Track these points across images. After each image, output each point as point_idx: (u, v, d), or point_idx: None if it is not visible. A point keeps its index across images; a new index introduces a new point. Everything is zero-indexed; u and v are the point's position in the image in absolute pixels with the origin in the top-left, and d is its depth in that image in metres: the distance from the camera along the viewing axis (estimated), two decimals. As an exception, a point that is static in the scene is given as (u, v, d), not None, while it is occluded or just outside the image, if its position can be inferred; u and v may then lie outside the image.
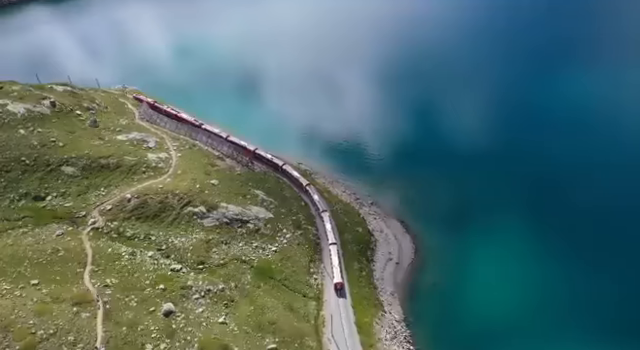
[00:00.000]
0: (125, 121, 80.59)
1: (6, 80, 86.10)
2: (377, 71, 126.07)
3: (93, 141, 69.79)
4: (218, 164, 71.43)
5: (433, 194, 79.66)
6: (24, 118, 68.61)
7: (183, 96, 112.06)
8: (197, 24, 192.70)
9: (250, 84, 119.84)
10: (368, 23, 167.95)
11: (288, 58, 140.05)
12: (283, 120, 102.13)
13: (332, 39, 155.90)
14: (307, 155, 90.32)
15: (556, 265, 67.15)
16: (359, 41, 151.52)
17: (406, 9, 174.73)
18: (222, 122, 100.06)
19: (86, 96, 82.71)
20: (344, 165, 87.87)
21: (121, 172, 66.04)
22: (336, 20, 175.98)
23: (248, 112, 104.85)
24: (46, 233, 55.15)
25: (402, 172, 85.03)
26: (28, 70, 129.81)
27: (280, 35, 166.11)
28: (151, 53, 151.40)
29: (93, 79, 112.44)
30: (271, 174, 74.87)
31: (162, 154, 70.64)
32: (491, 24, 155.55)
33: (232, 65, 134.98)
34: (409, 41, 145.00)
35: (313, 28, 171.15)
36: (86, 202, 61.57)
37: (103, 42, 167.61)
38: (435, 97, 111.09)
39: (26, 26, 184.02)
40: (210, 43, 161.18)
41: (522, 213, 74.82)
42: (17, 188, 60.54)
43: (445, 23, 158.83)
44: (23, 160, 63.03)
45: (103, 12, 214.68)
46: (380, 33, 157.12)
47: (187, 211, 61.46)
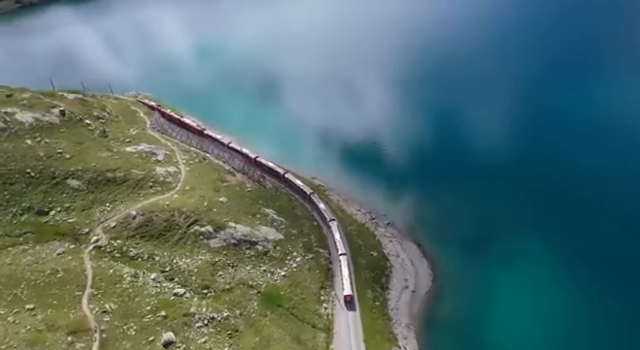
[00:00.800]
0: (135, 131, 78.83)
1: (17, 87, 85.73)
2: (395, 76, 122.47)
3: (101, 153, 68.01)
4: (228, 179, 68.93)
5: (452, 213, 75.73)
6: (32, 128, 67.21)
7: (197, 102, 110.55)
8: (216, 26, 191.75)
9: (267, 90, 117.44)
10: (388, 24, 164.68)
11: (306, 62, 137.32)
12: (299, 129, 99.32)
13: (351, 41, 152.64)
14: (322, 168, 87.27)
15: (584, 295, 62.82)
16: (378, 43, 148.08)
17: (428, 9, 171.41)
18: (236, 130, 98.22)
19: (97, 104, 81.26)
20: (360, 179, 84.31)
21: (128, 186, 63.99)
22: (356, 21, 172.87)
23: (264, 120, 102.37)
24: (47, 251, 53.23)
25: (420, 187, 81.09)
26: (44, 73, 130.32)
27: (298, 37, 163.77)
28: (168, 57, 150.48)
29: (108, 84, 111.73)
30: (283, 190, 72.15)
31: (171, 168, 68.45)
32: (516, 22, 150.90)
33: (249, 70, 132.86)
34: (429, 43, 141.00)
35: (332, 30, 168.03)
36: (90, 218, 59.61)
37: (121, 45, 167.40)
38: (456, 104, 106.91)
39: (46, 28, 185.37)
40: (228, 46, 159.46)
41: (549, 236, 70.63)
42: (20, 202, 58.83)
43: (468, 23, 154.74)
44: (28, 172, 61.43)
45: (123, 13, 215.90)
46: (400, 34, 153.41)
47: (193, 230, 59.01)
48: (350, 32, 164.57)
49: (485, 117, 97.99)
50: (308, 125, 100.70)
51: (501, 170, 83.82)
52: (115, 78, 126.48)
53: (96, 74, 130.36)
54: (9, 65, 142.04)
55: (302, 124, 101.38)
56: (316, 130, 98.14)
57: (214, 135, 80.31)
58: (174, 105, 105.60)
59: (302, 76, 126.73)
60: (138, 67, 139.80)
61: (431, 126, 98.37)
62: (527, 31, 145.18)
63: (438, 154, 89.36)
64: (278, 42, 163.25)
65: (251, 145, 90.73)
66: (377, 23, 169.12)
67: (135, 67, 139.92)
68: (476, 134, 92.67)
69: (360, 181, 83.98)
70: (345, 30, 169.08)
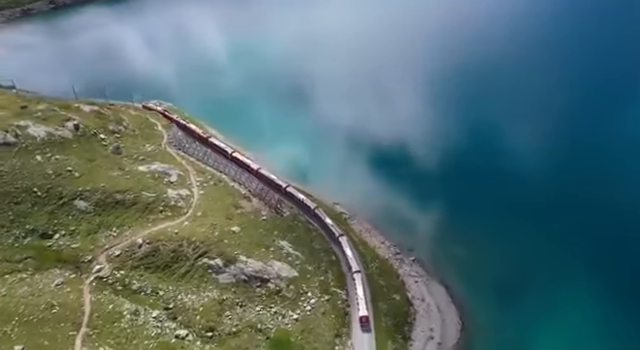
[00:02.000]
0: (151, 147, 76.11)
1: (36, 96, 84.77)
2: (433, 85, 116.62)
3: (112, 171, 65.32)
4: (243, 206, 65.04)
5: (486, 250, 69.88)
6: (43, 143, 65.13)
7: (220, 112, 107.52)
8: (248, 28, 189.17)
9: (294, 98, 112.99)
10: (430, 24, 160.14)
11: (340, 67, 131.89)
12: (325, 146, 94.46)
13: (388, 42, 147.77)
14: (346, 191, 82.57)
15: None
16: (418, 45, 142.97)
17: (473, 7, 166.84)
18: (258, 144, 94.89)
19: (114, 117, 79.05)
20: (386, 205, 79.06)
21: (137, 210, 60.99)
22: (395, 19, 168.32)
23: (288, 133, 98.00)
24: (45, 281, 50.53)
25: (452, 218, 74.98)
26: (71, 77, 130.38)
27: (333, 38, 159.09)
28: (195, 61, 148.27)
29: (130, 91, 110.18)
30: (301, 219, 67.70)
31: (183, 191, 65.12)
32: (575, 24, 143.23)
33: (278, 75, 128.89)
34: (472, 47, 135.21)
35: (370, 29, 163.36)
36: (95, 243, 56.80)
37: (149, 48, 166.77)
38: (496, 120, 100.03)
39: (77, 29, 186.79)
40: (259, 50, 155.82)
41: (598, 284, 63.91)
42: (25, 223, 56.56)
43: (520, 23, 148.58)
44: (35, 191, 59.19)
45: (155, 14, 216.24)
46: (440, 36, 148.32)
47: (202, 263, 55.34)
48: (388, 31, 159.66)
49: (529, 136, 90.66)
50: (336, 141, 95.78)
51: (546, 203, 77.16)
52: (140, 84, 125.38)
53: (121, 79, 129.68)
54: (39, 66, 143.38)
55: (330, 140, 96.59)
56: (343, 147, 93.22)
57: (242, 158, 76.69)
58: (196, 116, 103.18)
59: (334, 83, 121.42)
60: (164, 73, 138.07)
61: (467, 147, 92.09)
62: (581, 28, 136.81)
63: (474, 181, 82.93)
64: (311, 44, 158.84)
65: (274, 163, 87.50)
66: (417, 22, 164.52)
67: (161, 73, 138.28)
68: (517, 158, 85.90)
69: (386, 208, 78.63)
70: (383, 29, 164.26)
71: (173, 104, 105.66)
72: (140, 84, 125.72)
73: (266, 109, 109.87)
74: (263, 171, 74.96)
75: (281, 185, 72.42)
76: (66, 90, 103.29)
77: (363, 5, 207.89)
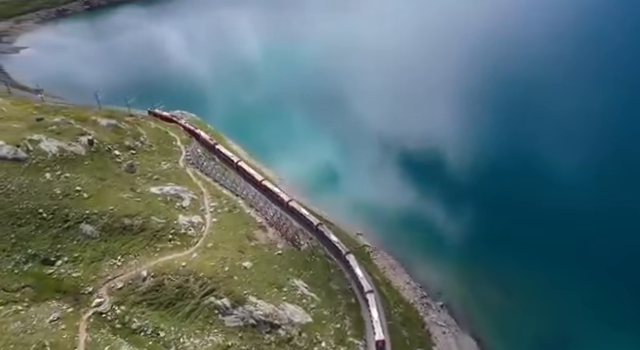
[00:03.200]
0: (167, 165, 73.18)
1: (54, 106, 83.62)
2: (473, 96, 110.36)
3: (122, 193, 62.45)
4: (257, 237, 60.97)
5: (527, 299, 63.60)
6: (54, 159, 62.88)
7: (246, 126, 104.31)
8: (286, 31, 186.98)
9: (326, 114, 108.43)
10: (468, 25, 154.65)
11: (374, 77, 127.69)
12: (354, 168, 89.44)
13: (423, 49, 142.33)
14: (370, 219, 77.54)
15: None
16: (456, 53, 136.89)
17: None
18: (280, 161, 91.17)
19: (131, 131, 76.62)
20: (413, 238, 73.81)
21: (144, 237, 57.78)
22: (431, 24, 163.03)
23: (316, 153, 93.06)
24: (40, 315, 47.64)
25: (486, 259, 69.01)
26: (98, 81, 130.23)
27: (368, 42, 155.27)
28: (226, 68, 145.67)
29: (154, 99, 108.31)
30: (319, 252, 63.05)
31: (195, 217, 61.61)
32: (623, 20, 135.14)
33: (311, 87, 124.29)
34: (512, 49, 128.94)
35: (412, 37, 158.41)
36: (97, 273, 53.81)
37: (180, 53, 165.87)
38: (543, 137, 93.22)
39: (110, 31, 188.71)
40: (296, 57, 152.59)
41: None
42: (27, 247, 54.09)
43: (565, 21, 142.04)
44: (40, 213, 56.77)
45: (190, 16, 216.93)
46: (484, 38, 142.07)
47: (208, 302, 51.45)
48: (425, 33, 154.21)
49: (580, 155, 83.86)
50: (365, 162, 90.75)
51: (599, 242, 69.93)
52: (166, 91, 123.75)
53: (147, 85, 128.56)
54: (69, 69, 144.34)
55: (359, 160, 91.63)
56: (373, 170, 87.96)
57: (271, 187, 73.33)
58: (221, 130, 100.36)
59: (368, 94, 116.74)
60: (192, 80, 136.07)
61: (508, 172, 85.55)
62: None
63: (515, 214, 76.18)
64: (346, 50, 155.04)
65: (297, 184, 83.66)
66: (454, 23, 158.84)
67: (189, 80, 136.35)
68: (567, 186, 79.02)
69: (413, 240, 73.30)
70: (419, 31, 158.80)
71: (197, 115, 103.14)
72: (166, 91, 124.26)
73: (293, 123, 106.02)
74: (283, 196, 71.14)
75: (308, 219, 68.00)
76: (92, 95, 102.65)
77: (401, 6, 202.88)
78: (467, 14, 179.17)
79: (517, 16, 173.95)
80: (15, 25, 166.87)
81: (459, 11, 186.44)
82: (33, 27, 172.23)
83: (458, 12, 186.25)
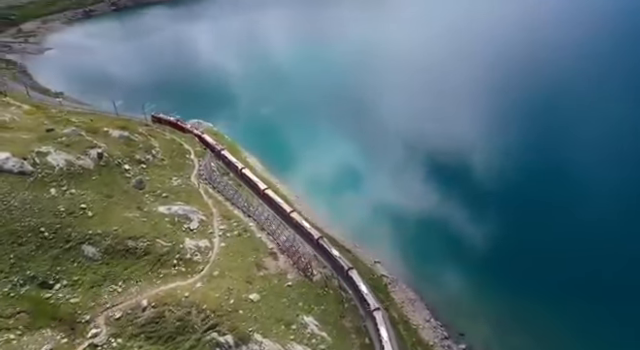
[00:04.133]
0: (178, 181, 70.63)
1: (67, 112, 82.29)
2: (510, 109, 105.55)
3: (129, 212, 59.98)
4: (267, 265, 57.51)
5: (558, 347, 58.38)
6: (61, 173, 60.90)
7: (266, 138, 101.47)
8: (316, 33, 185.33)
9: (354, 127, 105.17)
10: (504, 27, 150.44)
11: (406, 85, 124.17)
12: (377, 188, 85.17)
13: (459, 53, 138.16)
14: (390, 245, 73.32)
15: None
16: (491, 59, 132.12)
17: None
18: (297, 175, 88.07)
19: (143, 144, 74.43)
20: (436, 270, 69.15)
21: (147, 262, 55.09)
22: (467, 26, 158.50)
23: (336, 169, 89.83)
24: (33, 346, 45.34)
25: (517, 298, 63.81)
26: (118, 84, 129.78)
27: (401, 45, 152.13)
28: (252, 74, 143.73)
29: (172, 106, 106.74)
30: (333, 285, 59.30)
31: (202, 241, 58.62)
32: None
33: (341, 96, 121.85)
34: (552, 54, 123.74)
35: (451, 37, 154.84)
36: (96, 300, 51.26)
37: (203, 56, 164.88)
38: (583, 162, 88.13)
39: (135, 33, 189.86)
40: (325, 60, 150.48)
41: None
42: (25, 268, 51.91)
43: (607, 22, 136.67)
44: (42, 231, 54.63)
45: (216, 18, 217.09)
46: (522, 40, 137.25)
47: (209, 338, 48.13)
48: (461, 35, 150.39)
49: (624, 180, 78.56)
50: (387, 183, 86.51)
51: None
52: (185, 97, 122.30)
53: (167, 91, 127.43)
54: (91, 71, 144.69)
55: (383, 179, 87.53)
56: (394, 192, 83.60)
57: (286, 207, 70.02)
58: (238, 141, 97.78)
59: (400, 104, 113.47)
60: (213, 86, 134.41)
61: (546, 201, 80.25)
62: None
63: (546, 253, 70.71)
64: (378, 53, 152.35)
65: (314, 204, 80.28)
66: (501, 24, 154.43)
67: (210, 86, 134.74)
68: (607, 219, 73.54)
69: (436, 273, 68.72)
70: (457, 32, 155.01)
71: (213, 125, 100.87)
72: (186, 97, 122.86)
73: (315, 135, 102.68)
74: (296, 216, 67.83)
75: (314, 236, 64.90)
76: (113, 98, 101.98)
77: (438, 7, 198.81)
78: (499, 15, 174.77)
79: (553, 16, 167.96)
80: (42, 25, 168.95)
81: (492, 12, 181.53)
82: (59, 28, 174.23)
83: (491, 13, 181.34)
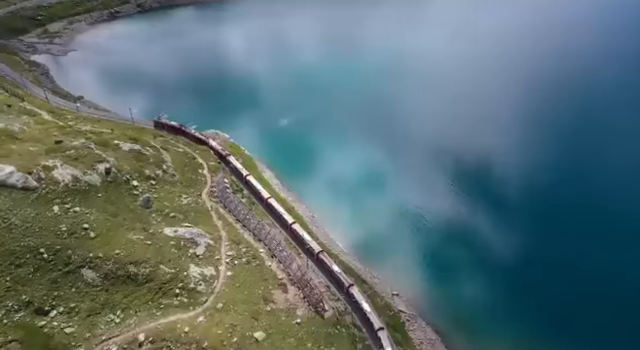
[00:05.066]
0: (187, 199, 67.81)
1: (83, 119, 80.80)
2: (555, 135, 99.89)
3: (133, 233, 57.35)
4: (275, 298, 53.94)
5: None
6: (66, 189, 58.76)
7: (284, 150, 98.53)
8: (357, 35, 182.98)
9: (382, 142, 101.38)
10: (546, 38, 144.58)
11: (438, 99, 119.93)
12: (398, 215, 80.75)
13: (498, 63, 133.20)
14: (411, 278, 68.86)
15: None
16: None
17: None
18: (316, 194, 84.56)
19: (154, 158, 71.96)
20: (459, 306, 64.48)
21: (149, 290, 52.27)
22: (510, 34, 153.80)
23: (359, 188, 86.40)
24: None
25: (550, 342, 58.94)
26: (139, 89, 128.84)
27: (435, 54, 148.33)
28: (277, 80, 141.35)
29: (190, 115, 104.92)
30: (345, 322, 55.21)
31: (208, 269, 55.48)
32: None
33: (371, 109, 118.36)
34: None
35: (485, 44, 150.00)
36: (92, 330, 48.66)
37: (227, 60, 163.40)
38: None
39: (159, 35, 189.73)
40: (357, 67, 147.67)
41: None
42: (21, 293, 49.68)
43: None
44: (41, 253, 52.40)
45: (244, 20, 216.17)
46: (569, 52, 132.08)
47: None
48: (502, 43, 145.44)
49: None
50: (413, 208, 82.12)
51: None
52: (204, 104, 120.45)
53: (187, 96, 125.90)
54: (112, 74, 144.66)
55: (406, 205, 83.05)
56: (420, 218, 79.34)
57: (300, 231, 66.31)
58: (257, 154, 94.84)
59: (434, 119, 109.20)
60: (234, 92, 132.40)
61: (583, 230, 75.11)
62: None
63: (586, 288, 65.62)
64: (414, 59, 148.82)
65: (331, 223, 76.62)
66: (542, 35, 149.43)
67: (230, 92, 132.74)
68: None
69: (459, 310, 64.03)
70: (497, 39, 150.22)
71: (230, 136, 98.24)
72: (205, 104, 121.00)
73: (339, 151, 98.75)
74: (313, 245, 64.25)
75: (328, 265, 61.21)
76: (132, 104, 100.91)
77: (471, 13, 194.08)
78: (545, 19, 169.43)
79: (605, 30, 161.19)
80: (68, 26, 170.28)
81: (534, 22, 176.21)
82: (84, 29, 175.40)
83: (533, 23, 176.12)
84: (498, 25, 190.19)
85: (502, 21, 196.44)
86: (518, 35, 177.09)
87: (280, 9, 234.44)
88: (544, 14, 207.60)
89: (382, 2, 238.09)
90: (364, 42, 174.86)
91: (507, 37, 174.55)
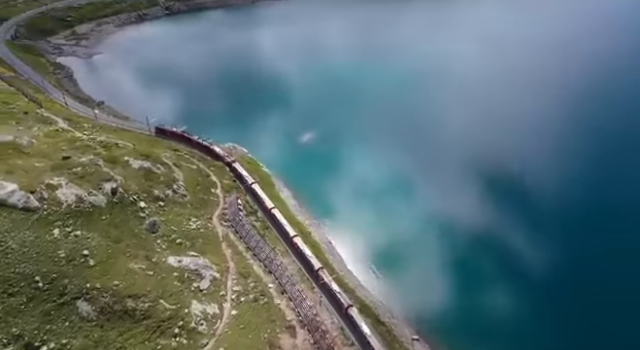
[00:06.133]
0: (197, 223, 64.36)
1: (97, 129, 78.76)
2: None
3: (135, 262, 54.17)
4: (282, 344, 49.69)
5: None
6: (68, 211, 56.10)
7: (306, 167, 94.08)
8: (398, 39, 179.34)
9: (419, 163, 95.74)
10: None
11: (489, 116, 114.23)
12: (425, 247, 74.74)
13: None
14: (433, 321, 63.33)
15: None
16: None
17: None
18: (335, 217, 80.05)
19: (165, 176, 68.90)
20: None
21: (146, 327, 48.81)
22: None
23: (386, 212, 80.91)
24: None
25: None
26: (161, 96, 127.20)
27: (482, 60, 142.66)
28: (304, 90, 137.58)
29: (210, 127, 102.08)
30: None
31: (211, 306, 51.71)
32: None
33: (405, 122, 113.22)
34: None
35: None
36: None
37: (256, 67, 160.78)
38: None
39: (185, 39, 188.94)
40: (395, 76, 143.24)
41: None
42: (12, 324, 46.85)
43: None
44: (36, 281, 49.63)
45: (275, 24, 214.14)
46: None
47: None
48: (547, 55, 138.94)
49: None
50: (441, 240, 76.25)
51: None
52: (226, 116, 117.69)
53: (209, 106, 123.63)
54: (134, 78, 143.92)
55: (434, 237, 77.17)
56: (449, 251, 73.50)
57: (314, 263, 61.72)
58: (275, 170, 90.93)
59: (476, 140, 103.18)
60: (258, 103, 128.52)
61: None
62: None
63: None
64: (451, 71, 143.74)
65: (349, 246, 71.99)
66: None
67: (255, 102, 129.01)
68: None
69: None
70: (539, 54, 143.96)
71: (249, 151, 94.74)
72: (225, 114, 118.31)
73: (368, 170, 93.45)
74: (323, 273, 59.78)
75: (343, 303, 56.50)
76: (153, 111, 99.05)
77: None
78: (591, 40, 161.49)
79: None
80: (96, 28, 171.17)
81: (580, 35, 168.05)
82: (112, 31, 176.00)
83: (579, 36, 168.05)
84: (536, 30, 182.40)
85: (544, 25, 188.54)
86: (563, 40, 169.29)
87: (312, 11, 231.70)
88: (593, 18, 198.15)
89: (414, 5, 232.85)
90: (397, 47, 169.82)
91: (549, 40, 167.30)
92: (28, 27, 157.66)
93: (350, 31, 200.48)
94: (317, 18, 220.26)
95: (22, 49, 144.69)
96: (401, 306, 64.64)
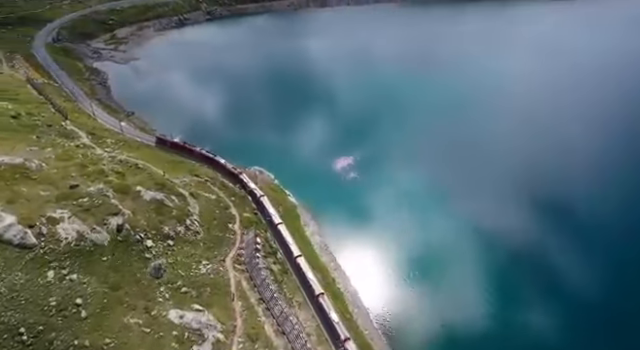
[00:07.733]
0: (207, 266, 58.73)
1: (121, 145, 75.02)
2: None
3: (131, 316, 48.91)
4: None
5: None
6: (67, 250, 51.63)
7: (339, 196, 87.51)
8: (451, 55, 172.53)
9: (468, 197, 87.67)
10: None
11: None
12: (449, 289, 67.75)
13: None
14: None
15: None
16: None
17: None
18: (357, 253, 73.22)
19: (178, 209, 63.73)
20: None
21: (134, 401, 43.07)
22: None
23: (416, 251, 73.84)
24: None
25: None
26: (192, 108, 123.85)
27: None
28: (347, 110, 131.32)
29: (236, 150, 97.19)
30: None
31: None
32: None
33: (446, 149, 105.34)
34: None
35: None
36: None
37: (291, 80, 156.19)
38: None
39: (229, 45, 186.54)
40: (449, 92, 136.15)
41: None
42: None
43: None
44: (21, 333, 45.03)
45: (321, 30, 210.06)
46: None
47: None
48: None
49: None
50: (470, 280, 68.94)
51: None
52: (257, 136, 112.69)
53: (237, 124, 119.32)
54: (172, 89, 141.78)
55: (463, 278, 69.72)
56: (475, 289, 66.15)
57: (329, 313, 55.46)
58: (300, 198, 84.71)
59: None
60: (292, 123, 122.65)
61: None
62: None
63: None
64: (494, 89, 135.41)
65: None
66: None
67: (289, 122, 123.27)
68: None
69: None
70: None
71: (275, 177, 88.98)
72: (256, 135, 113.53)
73: (403, 202, 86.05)
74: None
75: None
76: (181, 124, 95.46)
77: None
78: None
79: None
80: (136, 32, 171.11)
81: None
82: (151, 35, 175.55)
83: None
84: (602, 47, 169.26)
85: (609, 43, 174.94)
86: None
87: (357, 18, 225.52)
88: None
89: (469, 15, 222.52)
90: (450, 63, 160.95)
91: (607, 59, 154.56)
92: (70, 30, 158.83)
93: (399, 43, 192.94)
94: (362, 28, 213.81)
95: (61, 52, 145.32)
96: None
